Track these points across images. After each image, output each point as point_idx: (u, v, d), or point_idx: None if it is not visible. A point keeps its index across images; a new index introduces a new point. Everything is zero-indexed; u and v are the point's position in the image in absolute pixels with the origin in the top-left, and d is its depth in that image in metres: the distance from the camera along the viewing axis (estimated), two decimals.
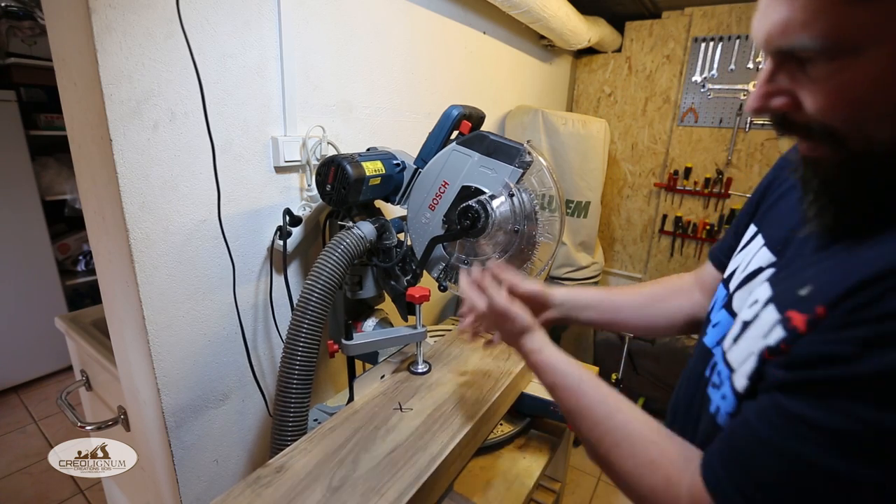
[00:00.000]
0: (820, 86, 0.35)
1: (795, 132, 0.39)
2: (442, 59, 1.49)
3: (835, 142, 0.36)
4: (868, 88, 0.33)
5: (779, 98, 0.38)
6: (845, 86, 0.34)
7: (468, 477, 0.92)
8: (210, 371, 0.96)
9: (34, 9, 2.11)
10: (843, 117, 0.35)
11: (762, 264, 0.49)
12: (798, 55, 0.35)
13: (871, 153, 0.35)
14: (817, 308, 0.35)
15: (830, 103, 0.35)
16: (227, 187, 0.91)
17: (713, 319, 0.55)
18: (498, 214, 0.89)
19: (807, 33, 0.33)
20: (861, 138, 0.35)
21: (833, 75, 0.34)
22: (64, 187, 2.44)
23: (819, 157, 0.39)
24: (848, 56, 0.33)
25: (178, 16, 0.76)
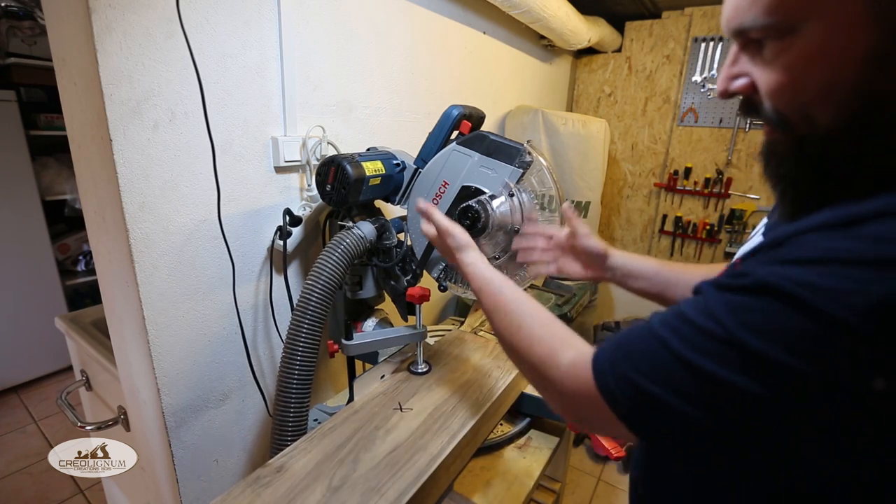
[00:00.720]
0: (770, 66, 0.38)
1: (758, 115, 0.41)
2: (442, 59, 1.49)
3: (785, 126, 0.39)
4: (806, 67, 0.35)
5: (739, 80, 0.41)
6: (789, 66, 0.36)
7: (468, 477, 0.92)
8: (210, 371, 0.96)
9: (34, 9, 2.11)
10: (788, 99, 0.38)
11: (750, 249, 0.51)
12: (750, 35, 0.38)
13: (817, 138, 0.37)
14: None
15: (777, 84, 0.38)
16: (227, 187, 0.91)
17: None
18: (498, 214, 0.89)
19: (752, 12, 0.36)
20: (804, 121, 0.37)
21: (780, 55, 0.36)
22: (64, 187, 2.44)
23: (775, 140, 0.42)
24: (789, 35, 0.35)
25: (178, 16, 0.76)
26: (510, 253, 0.92)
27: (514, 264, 0.93)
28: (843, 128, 0.36)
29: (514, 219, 0.88)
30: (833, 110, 0.36)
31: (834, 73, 0.35)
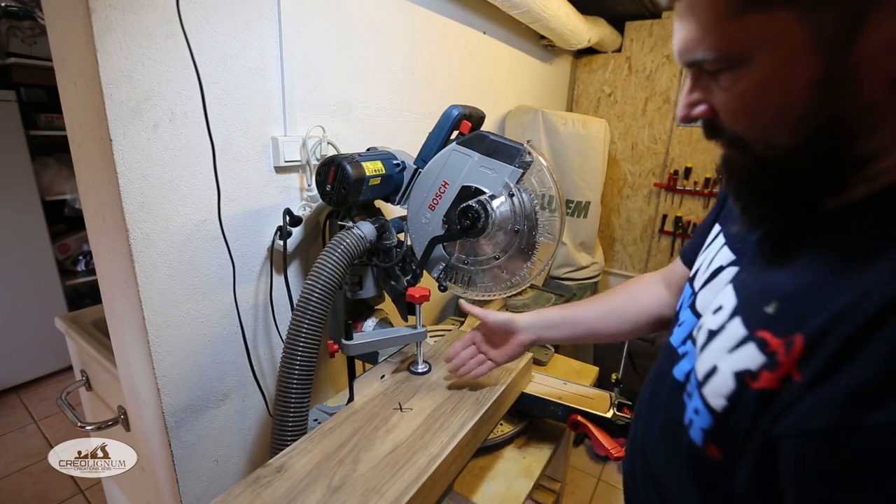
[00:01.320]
0: (726, 94, 0.39)
1: (718, 137, 0.43)
2: (442, 59, 1.49)
3: (742, 147, 0.41)
4: (759, 94, 0.37)
5: (699, 107, 0.42)
6: (743, 93, 0.38)
7: (468, 477, 0.92)
8: (210, 371, 0.96)
9: (34, 9, 2.11)
10: (745, 124, 0.39)
11: (723, 263, 0.51)
12: (704, 67, 0.39)
13: (772, 158, 0.39)
14: (795, 335, 0.34)
15: (734, 110, 0.39)
16: (227, 187, 0.91)
17: (680, 318, 0.56)
18: (498, 214, 0.89)
19: (702, 48, 0.38)
20: (762, 143, 0.39)
21: (734, 84, 0.38)
22: (64, 187, 2.44)
23: (733, 157, 0.43)
24: (741, 65, 0.36)
25: (178, 16, 0.76)
26: (510, 253, 0.92)
27: (515, 264, 0.93)
28: (799, 147, 0.37)
29: (514, 220, 0.88)
30: (788, 132, 0.37)
31: (785, 99, 0.36)
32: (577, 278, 2.13)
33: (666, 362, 0.53)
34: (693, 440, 0.44)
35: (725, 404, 0.40)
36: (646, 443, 0.54)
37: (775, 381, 0.35)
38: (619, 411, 0.96)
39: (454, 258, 0.97)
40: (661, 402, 0.52)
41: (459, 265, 0.97)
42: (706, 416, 0.42)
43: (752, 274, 0.45)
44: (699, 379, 0.43)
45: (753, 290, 0.42)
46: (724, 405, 0.40)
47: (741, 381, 0.38)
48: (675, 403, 0.48)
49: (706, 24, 0.37)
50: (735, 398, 0.39)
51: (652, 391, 0.56)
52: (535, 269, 0.93)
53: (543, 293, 1.85)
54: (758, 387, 0.36)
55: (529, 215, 0.89)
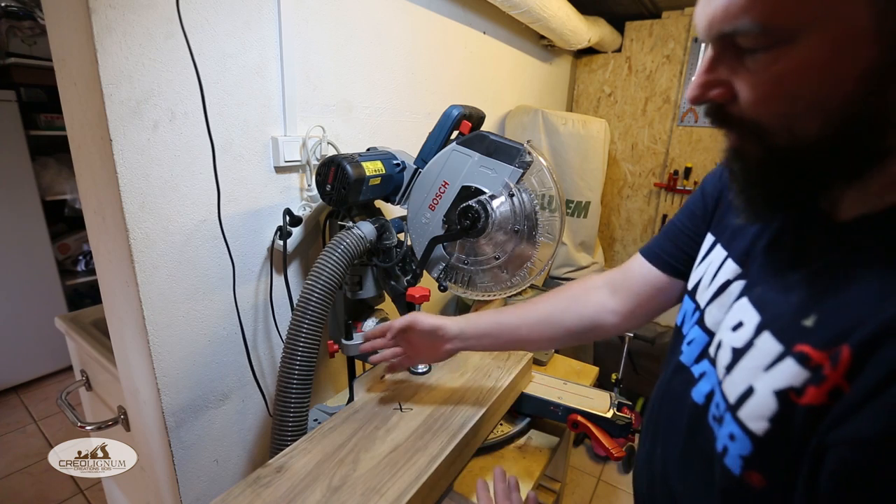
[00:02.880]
0: (757, 76, 0.35)
1: (727, 124, 0.39)
2: (442, 59, 1.49)
3: (760, 138, 0.37)
4: (799, 79, 0.33)
5: (717, 89, 0.38)
6: (779, 76, 0.34)
7: (468, 477, 0.92)
8: (210, 371, 0.96)
9: (34, 9, 2.11)
10: (773, 111, 0.36)
11: (729, 277, 0.48)
12: (738, 43, 0.35)
13: (794, 148, 0.36)
14: (842, 346, 0.32)
15: (764, 95, 0.35)
16: (227, 187, 0.91)
17: (686, 336, 0.53)
18: (498, 214, 0.89)
19: (748, 16, 0.33)
20: (786, 133, 0.36)
21: (769, 66, 0.34)
22: (64, 187, 2.44)
23: (744, 149, 0.40)
24: (784, 44, 0.33)
25: (178, 16, 0.76)
26: (510, 253, 0.92)
27: (515, 264, 0.93)
28: (826, 138, 0.34)
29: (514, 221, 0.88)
30: (820, 122, 0.34)
31: (828, 88, 0.33)
32: (577, 278, 2.13)
33: (680, 383, 0.51)
34: (729, 469, 0.40)
35: (768, 427, 0.36)
36: (667, 470, 0.50)
37: (823, 396, 0.33)
38: (619, 411, 0.96)
39: (454, 258, 0.97)
40: (681, 426, 0.49)
41: (459, 265, 0.97)
42: (745, 442, 0.38)
43: (772, 286, 0.42)
44: (731, 402, 0.40)
45: (783, 304, 0.39)
46: (766, 428, 0.37)
47: (785, 400, 0.35)
48: (700, 429, 0.45)
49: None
50: (779, 419, 0.36)
51: (668, 413, 0.53)
52: (535, 269, 0.93)
53: (543, 293, 1.85)
54: (805, 403, 0.34)
55: (529, 215, 0.89)
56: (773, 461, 0.37)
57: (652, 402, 0.57)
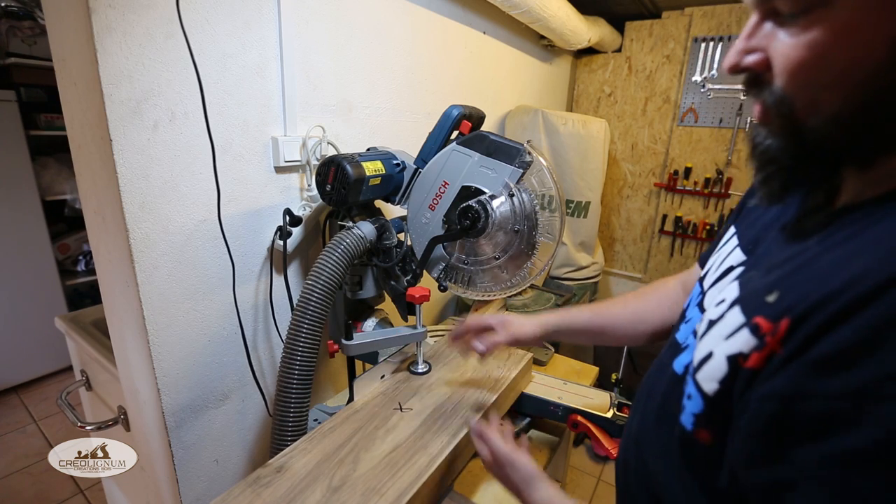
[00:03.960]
0: (792, 42, 0.35)
1: (758, 92, 0.40)
2: (442, 59, 1.49)
3: (785, 113, 0.37)
4: (832, 45, 0.33)
5: (753, 55, 0.38)
6: (813, 43, 0.34)
7: (468, 477, 0.92)
8: (210, 371, 0.96)
9: (34, 9, 2.11)
10: (804, 79, 0.36)
11: (733, 263, 0.50)
12: (777, 7, 0.36)
13: (815, 128, 0.36)
14: (784, 318, 0.34)
15: (798, 62, 0.35)
16: (227, 187, 0.91)
17: (686, 315, 0.56)
18: (498, 214, 0.89)
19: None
20: (811, 108, 0.36)
21: (805, 30, 0.34)
22: (64, 187, 2.44)
23: (768, 123, 0.40)
24: (821, 6, 0.33)
25: (178, 16, 0.76)
26: (510, 253, 0.92)
27: (515, 264, 0.93)
28: (847, 115, 0.35)
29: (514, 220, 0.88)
30: (844, 97, 0.34)
31: (859, 53, 0.33)
32: (577, 278, 2.13)
33: (668, 354, 0.53)
34: (684, 425, 0.44)
35: (717, 388, 0.40)
36: (641, 433, 0.53)
37: (762, 361, 0.35)
38: (619, 411, 0.96)
39: (454, 258, 0.97)
40: (658, 393, 0.52)
41: (459, 265, 0.97)
42: (698, 401, 0.42)
43: (760, 269, 0.44)
44: (694, 365, 0.43)
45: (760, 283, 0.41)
46: (715, 388, 0.40)
47: (733, 364, 0.38)
48: (673, 395, 0.48)
49: None
50: (727, 381, 0.39)
51: (650, 383, 0.56)
52: (535, 269, 0.93)
53: (543, 293, 1.85)
54: (748, 366, 0.37)
55: (529, 215, 0.89)
56: (718, 420, 0.40)
57: (643, 379, 0.60)
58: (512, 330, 0.82)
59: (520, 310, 1.65)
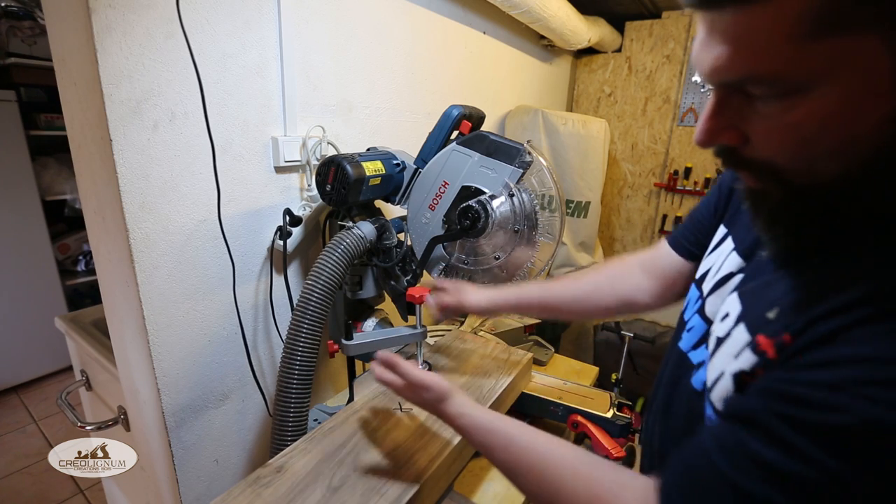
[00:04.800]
0: (769, 123, 0.34)
1: (742, 167, 0.38)
2: (442, 59, 1.49)
3: (779, 178, 0.36)
4: (817, 126, 0.32)
5: (726, 133, 0.37)
6: (794, 124, 0.33)
7: (468, 477, 0.91)
8: (210, 371, 0.96)
9: (34, 9, 2.11)
10: (790, 155, 0.34)
11: (732, 269, 0.50)
12: (747, 90, 0.34)
13: (815, 186, 0.35)
14: (784, 335, 0.35)
15: (779, 141, 0.34)
16: (227, 187, 0.91)
17: (687, 323, 0.55)
18: (498, 214, 0.89)
19: (753, 71, 0.32)
20: (806, 175, 0.35)
21: (782, 113, 0.33)
22: (64, 187, 2.44)
23: (764, 190, 0.39)
24: (796, 94, 0.31)
25: (178, 16, 0.76)
26: (510, 253, 0.92)
27: (515, 264, 0.93)
28: (847, 176, 0.33)
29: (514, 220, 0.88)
30: (841, 164, 0.33)
31: (849, 134, 0.32)
32: None
33: (679, 368, 0.53)
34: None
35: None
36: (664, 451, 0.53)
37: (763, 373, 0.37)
38: (619, 411, 0.96)
39: (454, 258, 0.97)
40: (680, 411, 0.51)
41: (459, 265, 0.97)
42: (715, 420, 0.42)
43: (760, 282, 0.43)
44: (708, 386, 0.43)
45: (760, 299, 0.41)
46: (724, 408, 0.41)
47: (738, 381, 0.39)
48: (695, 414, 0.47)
49: (761, 45, 0.31)
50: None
51: (666, 398, 0.54)
52: (535, 269, 0.93)
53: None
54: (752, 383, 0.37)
55: (529, 215, 0.89)
56: None
57: (654, 389, 0.60)
58: (460, 296, 0.84)
59: None
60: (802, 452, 0.30)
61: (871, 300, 0.31)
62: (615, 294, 0.77)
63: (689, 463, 0.38)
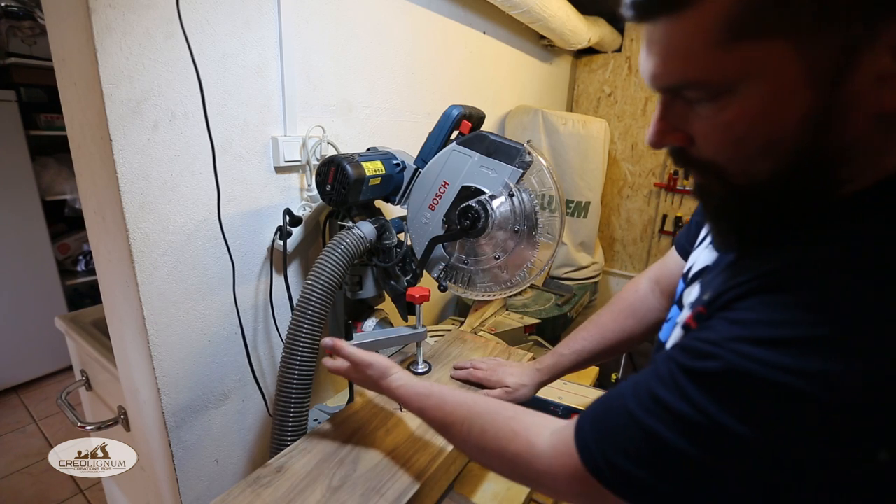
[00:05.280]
0: (707, 123, 0.37)
1: (690, 165, 0.42)
2: (442, 59, 1.49)
3: (721, 177, 0.40)
4: (746, 126, 0.35)
5: (672, 135, 0.40)
6: (727, 124, 0.36)
7: (468, 477, 0.92)
8: (210, 371, 0.96)
9: (34, 9, 2.11)
10: (728, 154, 0.38)
11: (708, 263, 0.53)
12: (682, 94, 0.37)
13: (752, 185, 0.38)
14: (699, 307, 0.41)
15: (717, 140, 0.38)
16: (227, 187, 0.91)
17: (669, 314, 0.59)
18: (498, 214, 0.89)
19: (681, 76, 0.36)
20: (743, 173, 0.38)
21: (717, 114, 0.36)
22: (64, 187, 2.44)
23: (709, 187, 0.43)
24: (726, 96, 0.35)
25: (178, 16, 0.76)
26: (510, 253, 0.92)
27: (515, 264, 0.93)
28: (780, 176, 0.37)
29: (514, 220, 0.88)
30: (773, 162, 0.36)
31: (774, 132, 0.35)
32: (577, 278, 2.13)
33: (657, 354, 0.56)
34: None
35: None
36: None
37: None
38: None
39: (454, 258, 0.97)
40: None
41: (459, 265, 0.97)
42: None
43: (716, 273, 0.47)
44: None
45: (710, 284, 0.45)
46: None
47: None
48: None
49: (687, 51, 0.34)
50: None
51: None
52: (535, 269, 0.93)
53: (543, 293, 1.85)
54: None
55: (529, 215, 0.89)
56: None
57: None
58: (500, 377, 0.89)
59: (520, 310, 1.65)
60: (685, 392, 0.36)
61: (760, 277, 0.36)
62: (642, 326, 0.79)
63: (606, 402, 0.43)
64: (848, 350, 0.30)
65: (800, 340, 0.31)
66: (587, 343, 0.81)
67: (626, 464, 0.38)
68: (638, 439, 0.38)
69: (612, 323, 0.81)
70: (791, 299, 0.33)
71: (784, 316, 0.33)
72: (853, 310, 0.31)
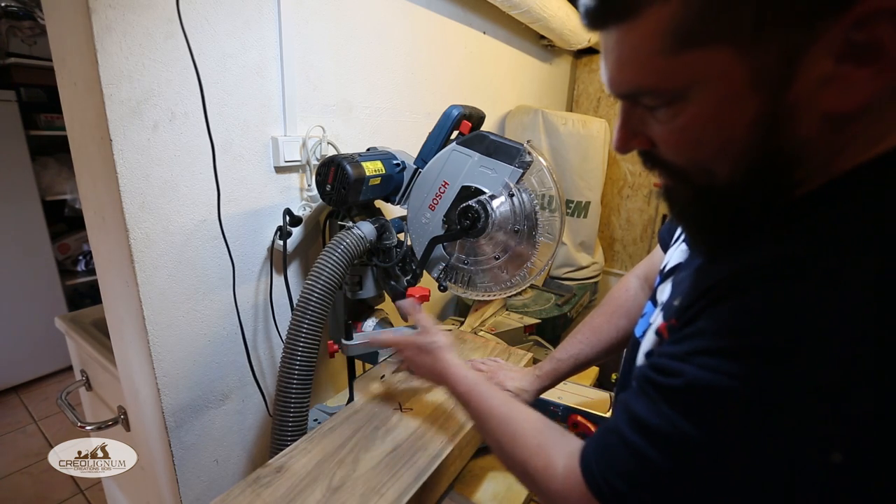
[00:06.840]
0: (665, 128, 0.38)
1: (656, 167, 0.43)
2: (442, 59, 1.49)
3: (684, 179, 0.41)
4: (700, 129, 0.36)
5: (635, 140, 0.42)
6: (684, 128, 0.37)
7: (468, 477, 0.92)
8: (210, 371, 0.96)
9: (34, 9, 2.11)
10: (687, 157, 0.39)
11: (680, 260, 0.54)
12: (640, 101, 0.39)
13: (713, 187, 0.39)
14: (672, 319, 0.42)
15: (675, 144, 0.39)
16: (227, 187, 0.91)
17: (645, 309, 0.59)
18: (498, 214, 0.89)
19: (639, 84, 0.37)
20: (703, 175, 0.39)
21: (673, 119, 0.37)
22: (64, 187, 2.44)
23: (674, 189, 0.44)
24: (679, 101, 0.36)
25: (178, 16, 0.76)
26: (510, 253, 0.92)
27: (515, 264, 0.93)
28: (739, 178, 0.37)
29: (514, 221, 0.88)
30: (730, 165, 0.37)
31: (727, 135, 0.36)
32: (577, 278, 2.13)
33: (631, 350, 0.58)
34: None
35: None
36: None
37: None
38: None
39: (454, 258, 0.97)
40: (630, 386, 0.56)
41: (459, 265, 0.97)
42: None
43: (687, 273, 0.48)
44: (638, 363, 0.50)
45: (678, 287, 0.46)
46: None
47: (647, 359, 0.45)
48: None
49: (638, 59, 0.36)
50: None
51: (623, 379, 0.60)
52: (535, 269, 0.93)
53: (543, 293, 1.85)
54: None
55: (529, 215, 0.89)
56: None
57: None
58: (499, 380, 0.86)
59: (520, 310, 1.65)
60: (660, 409, 0.37)
61: (722, 284, 0.36)
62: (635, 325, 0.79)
63: (607, 422, 0.44)
64: (793, 356, 0.31)
65: (747, 349, 0.33)
66: (584, 347, 0.82)
67: (619, 482, 0.39)
68: (626, 457, 0.39)
69: (606, 325, 0.81)
70: (746, 305, 0.34)
71: (736, 324, 0.34)
72: (799, 316, 0.32)
